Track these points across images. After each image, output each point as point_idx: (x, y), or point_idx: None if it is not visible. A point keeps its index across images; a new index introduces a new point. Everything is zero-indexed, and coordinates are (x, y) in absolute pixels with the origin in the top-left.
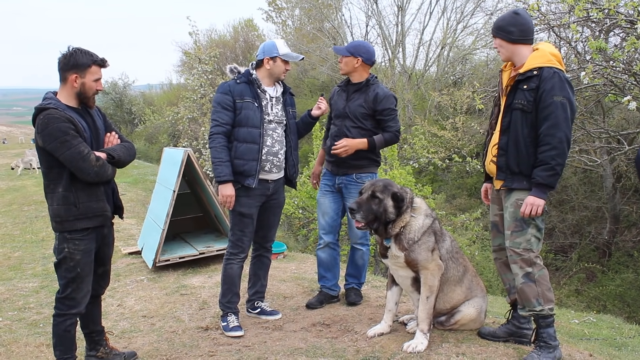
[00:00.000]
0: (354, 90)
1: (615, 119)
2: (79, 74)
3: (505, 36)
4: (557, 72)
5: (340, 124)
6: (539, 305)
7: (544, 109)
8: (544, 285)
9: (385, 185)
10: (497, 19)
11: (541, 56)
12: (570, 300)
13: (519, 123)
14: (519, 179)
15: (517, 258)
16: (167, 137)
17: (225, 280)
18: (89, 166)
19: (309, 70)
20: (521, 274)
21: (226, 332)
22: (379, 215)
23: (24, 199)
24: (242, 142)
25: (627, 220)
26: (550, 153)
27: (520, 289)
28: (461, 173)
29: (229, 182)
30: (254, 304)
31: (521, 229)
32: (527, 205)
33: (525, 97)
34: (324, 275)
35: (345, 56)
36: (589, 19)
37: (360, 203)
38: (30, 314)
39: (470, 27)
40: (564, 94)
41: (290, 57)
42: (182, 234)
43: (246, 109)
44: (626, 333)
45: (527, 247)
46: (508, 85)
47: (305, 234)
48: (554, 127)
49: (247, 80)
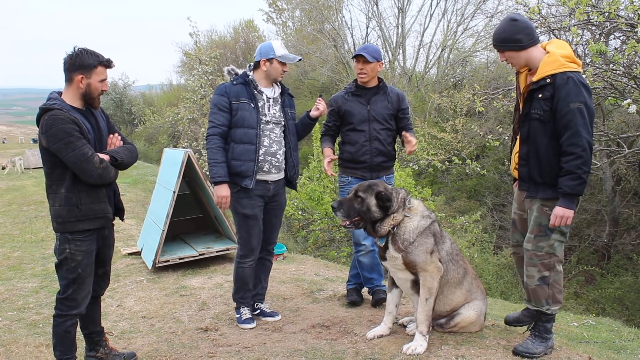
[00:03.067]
0: (373, 94)
1: (615, 122)
2: (85, 74)
3: (514, 46)
4: (570, 76)
5: (368, 128)
6: (547, 305)
7: (562, 117)
8: (556, 289)
9: (370, 185)
10: (496, 32)
11: (553, 61)
12: (569, 303)
13: (539, 133)
14: (544, 188)
15: (538, 262)
16: (167, 138)
17: (237, 279)
18: (93, 168)
19: (309, 71)
20: (537, 277)
21: (239, 324)
22: (362, 214)
23: (24, 199)
24: (239, 143)
25: (627, 223)
26: (575, 162)
27: (533, 289)
28: (461, 175)
29: (224, 183)
30: (254, 306)
31: (545, 234)
32: (556, 217)
33: (541, 107)
34: (370, 277)
35: (372, 62)
36: (589, 22)
37: (342, 202)
38: (29, 314)
39: (470, 30)
40: (580, 99)
41: (286, 59)
42: (181, 235)
43: (242, 110)
44: (625, 336)
45: (550, 251)
46: (524, 92)
47: (305, 235)
48: (575, 135)
49: (243, 81)
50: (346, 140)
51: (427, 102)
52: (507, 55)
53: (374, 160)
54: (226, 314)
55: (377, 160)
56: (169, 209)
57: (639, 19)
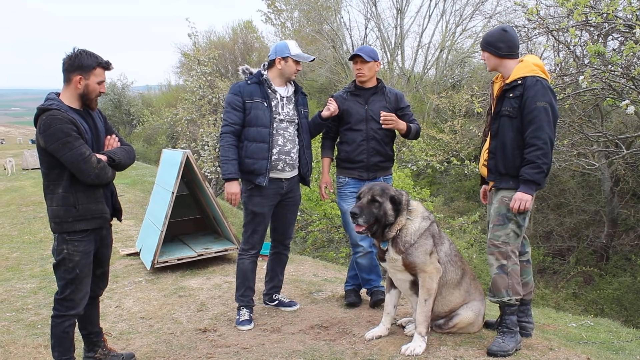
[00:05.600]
0: (371, 94)
1: (614, 122)
2: (84, 75)
3: (493, 51)
4: (539, 80)
5: (365, 128)
6: (507, 295)
7: (529, 113)
8: (515, 279)
9: (382, 188)
10: (486, 34)
11: (525, 67)
12: (567, 303)
13: (507, 128)
14: (506, 179)
15: (495, 250)
16: (165, 139)
17: (238, 274)
18: (90, 168)
19: (307, 72)
20: (496, 265)
21: (237, 325)
22: (379, 219)
23: (22, 200)
24: (252, 141)
25: (625, 224)
26: (536, 153)
27: (494, 279)
28: (459, 176)
29: (235, 179)
30: (272, 297)
31: (502, 223)
32: (515, 200)
33: (511, 105)
34: (368, 278)
35: (369, 62)
36: (587, 23)
37: (362, 207)
38: (28, 315)
39: (469, 30)
40: (546, 99)
41: (301, 58)
42: (180, 236)
43: (255, 109)
44: (623, 337)
45: (506, 240)
46: (497, 95)
47: (304, 236)
48: (539, 129)
49: (257, 80)
50: (343, 139)
51: (425, 103)
52: (485, 56)
53: (370, 160)
54: (225, 315)
55: (374, 160)
56: (167, 210)
57: (637, 20)
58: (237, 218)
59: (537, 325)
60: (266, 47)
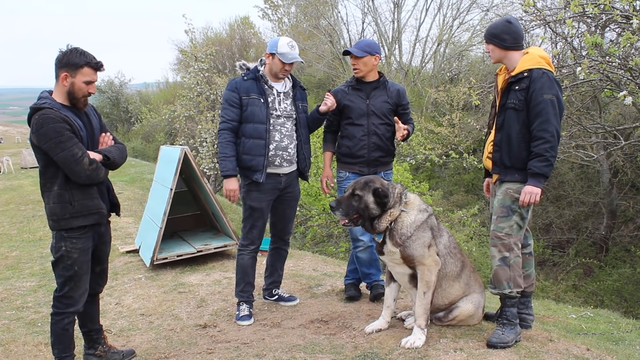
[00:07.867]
0: (373, 88)
1: (612, 114)
2: (70, 72)
3: (498, 43)
4: (545, 72)
5: (367, 122)
6: (508, 288)
7: (535, 106)
8: (516, 271)
9: (366, 182)
10: (490, 26)
11: (531, 59)
12: (567, 295)
13: (512, 120)
14: (511, 172)
15: (498, 242)
16: (163, 136)
17: (238, 270)
18: (81, 169)
19: (305, 67)
20: (498, 257)
21: (237, 321)
22: (360, 212)
23: (21, 199)
24: (249, 137)
25: (624, 216)
26: (544, 146)
27: (495, 270)
28: (458, 169)
29: (233, 176)
30: (272, 292)
31: (506, 215)
32: (525, 193)
33: (517, 97)
34: (368, 272)
35: (362, 57)
36: (584, 14)
37: (340, 200)
38: (28, 313)
39: (466, 24)
40: (553, 92)
41: (284, 57)
42: (179, 232)
43: (252, 106)
44: (623, 327)
45: (509, 232)
46: (502, 87)
47: (303, 231)
48: (546, 122)
49: (254, 76)
50: (344, 134)
51: (423, 96)
52: (490, 48)
53: (371, 155)
54: (225, 311)
55: (375, 155)
56: (166, 207)
57: (634, 11)
58: (236, 214)
59: (537, 317)
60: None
